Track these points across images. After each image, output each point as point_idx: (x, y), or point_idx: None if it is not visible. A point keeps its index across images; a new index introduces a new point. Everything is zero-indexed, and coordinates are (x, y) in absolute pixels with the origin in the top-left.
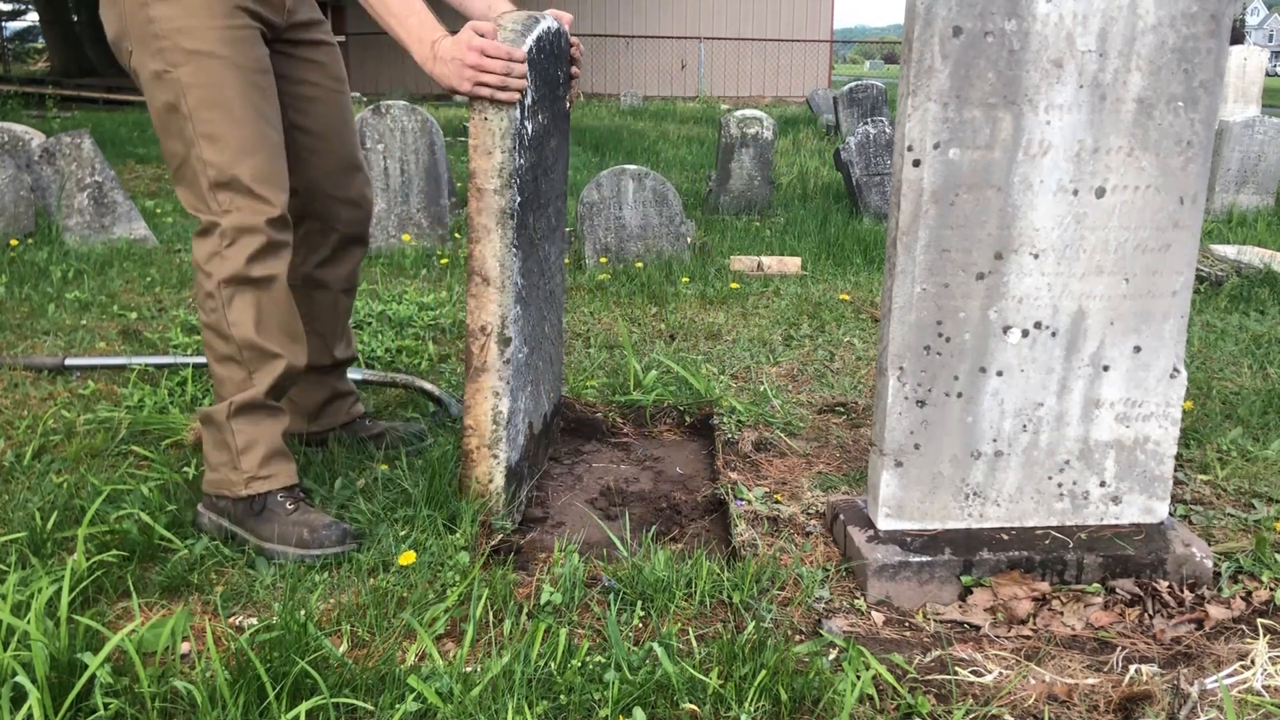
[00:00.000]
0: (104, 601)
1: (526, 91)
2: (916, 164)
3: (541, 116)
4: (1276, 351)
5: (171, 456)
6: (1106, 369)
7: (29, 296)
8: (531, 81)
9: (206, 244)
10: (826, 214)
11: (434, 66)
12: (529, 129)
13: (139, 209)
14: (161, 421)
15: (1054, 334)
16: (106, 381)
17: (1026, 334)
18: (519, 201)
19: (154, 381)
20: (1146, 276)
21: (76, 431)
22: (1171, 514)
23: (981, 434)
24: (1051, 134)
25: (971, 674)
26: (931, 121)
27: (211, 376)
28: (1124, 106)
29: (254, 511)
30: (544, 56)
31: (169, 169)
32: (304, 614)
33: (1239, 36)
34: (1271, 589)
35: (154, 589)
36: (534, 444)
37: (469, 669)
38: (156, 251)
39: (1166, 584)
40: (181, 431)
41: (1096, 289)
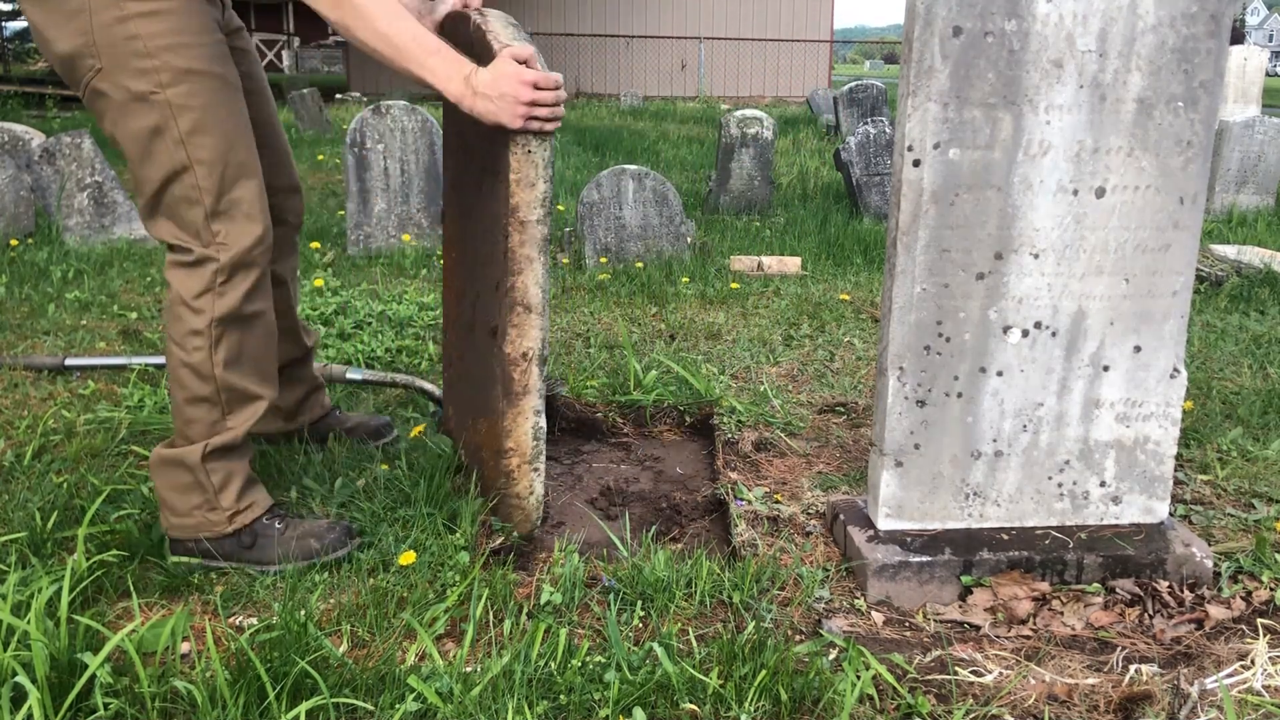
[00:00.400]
0: (104, 601)
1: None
2: (916, 164)
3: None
4: (1276, 351)
5: None
6: (1106, 369)
7: (29, 296)
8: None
9: (197, 278)
10: (826, 214)
11: (475, 104)
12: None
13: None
14: (161, 421)
15: (1054, 334)
16: (106, 381)
17: (1026, 334)
18: (548, 230)
19: (154, 381)
20: (1146, 276)
21: (76, 431)
22: (1171, 514)
23: (981, 434)
24: (1051, 134)
25: (971, 674)
26: (931, 121)
27: (175, 415)
28: (1124, 107)
29: (245, 545)
30: None
31: (138, 199)
32: (304, 614)
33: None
34: (1271, 589)
35: (154, 589)
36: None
37: (469, 669)
38: (156, 251)
39: (1166, 584)
40: None
41: (1096, 289)
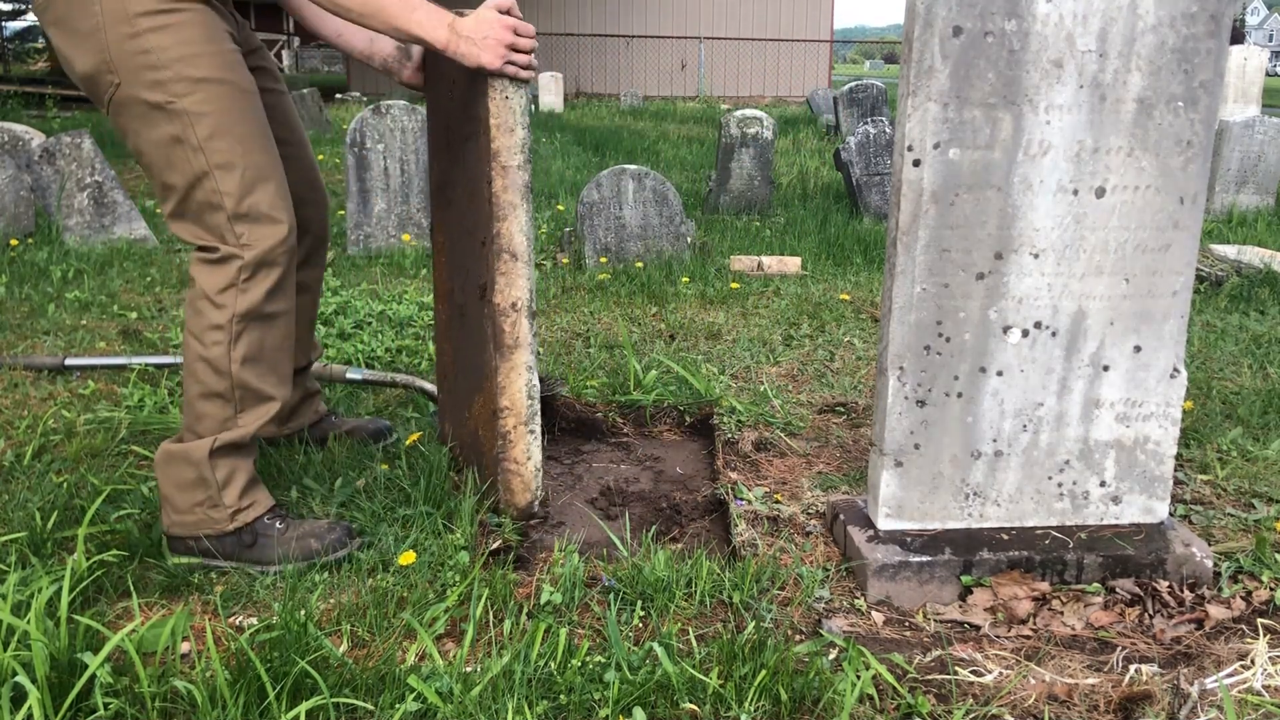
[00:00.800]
0: (104, 601)
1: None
2: (916, 164)
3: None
4: (1276, 351)
5: None
6: (1106, 369)
7: (29, 296)
8: None
9: (221, 274)
10: (826, 214)
11: (459, 47)
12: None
13: (139, 209)
14: (161, 421)
15: (1054, 334)
16: (106, 381)
17: (1026, 334)
18: (530, 177)
19: (154, 381)
20: (1146, 276)
21: (76, 431)
22: (1171, 514)
23: (981, 434)
24: (1051, 134)
25: (971, 674)
26: (931, 121)
27: (186, 410)
28: (1124, 107)
29: (245, 544)
30: None
31: (163, 205)
32: (304, 614)
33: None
34: (1271, 589)
35: (154, 589)
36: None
37: (469, 669)
38: (156, 251)
39: (1166, 584)
40: None
41: (1096, 289)
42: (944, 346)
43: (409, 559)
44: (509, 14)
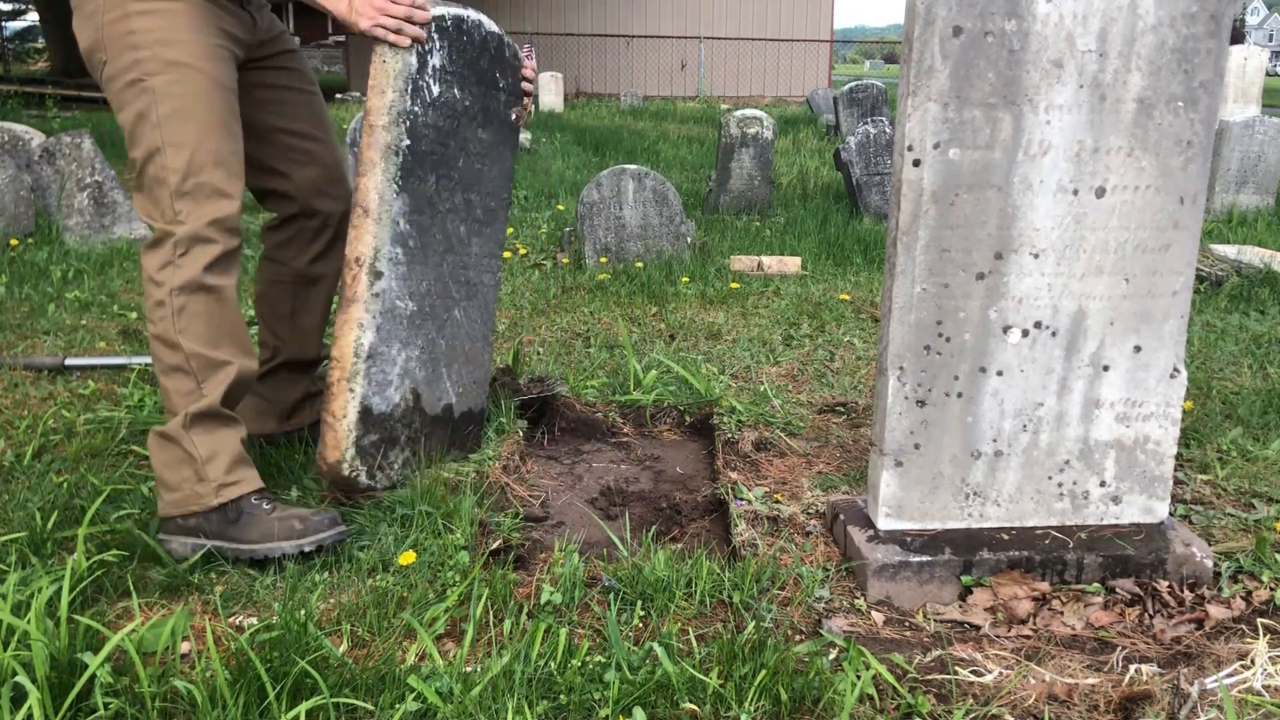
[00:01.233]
0: (104, 601)
1: (433, 51)
2: (916, 164)
3: (460, 93)
4: (1276, 351)
5: None
6: (1106, 369)
7: (29, 296)
8: (444, 50)
9: (158, 254)
10: (826, 214)
11: (349, 14)
12: (434, 89)
13: None
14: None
15: (1054, 334)
16: (106, 381)
17: (1026, 334)
18: (407, 144)
19: (154, 381)
20: (1146, 276)
21: (76, 431)
22: (1171, 514)
23: (981, 434)
24: (1051, 134)
25: (971, 674)
26: (931, 121)
27: (161, 393)
28: (1124, 107)
29: (230, 520)
30: (468, 42)
31: (131, 177)
32: (304, 614)
33: (1239, 36)
34: (1271, 589)
35: (154, 589)
36: (424, 421)
37: (469, 669)
38: None
39: (1166, 584)
40: None
41: (1096, 289)
42: (944, 346)
43: (409, 559)
44: None
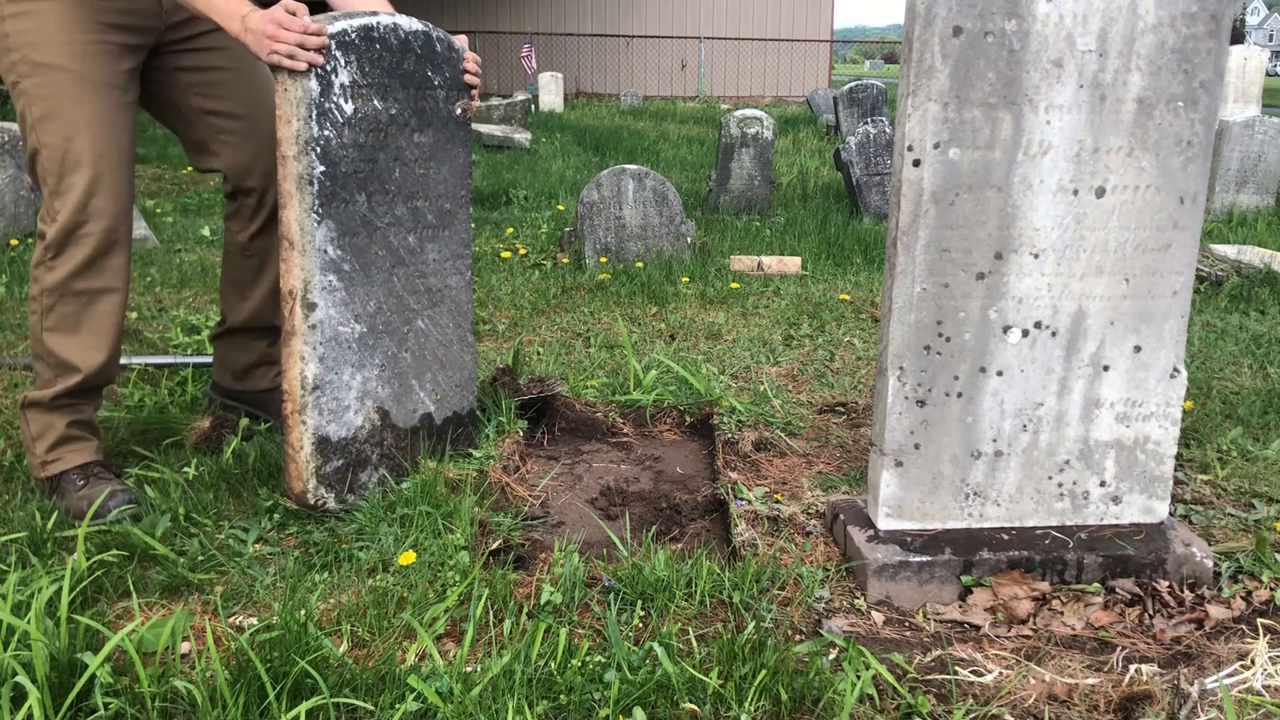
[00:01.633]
0: (104, 601)
1: (338, 69)
2: (916, 164)
3: (383, 103)
4: (1276, 351)
5: (171, 456)
6: (1106, 369)
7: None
8: (354, 64)
9: (38, 251)
10: (826, 214)
11: (245, 38)
12: (346, 107)
13: (139, 209)
14: (161, 421)
15: (1054, 334)
16: None
17: (1026, 334)
18: (322, 171)
19: (154, 381)
20: (1146, 276)
21: None
22: (1171, 514)
23: (981, 434)
24: (1051, 134)
25: (971, 674)
26: (931, 121)
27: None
28: (1124, 107)
29: (52, 489)
30: (384, 49)
31: None
32: (304, 614)
33: (1239, 36)
34: (1271, 589)
35: (154, 589)
36: (399, 435)
37: (469, 669)
38: (156, 251)
39: (1166, 584)
40: (181, 431)
41: (1096, 289)
42: (944, 346)
43: (409, 559)
44: (296, 15)
